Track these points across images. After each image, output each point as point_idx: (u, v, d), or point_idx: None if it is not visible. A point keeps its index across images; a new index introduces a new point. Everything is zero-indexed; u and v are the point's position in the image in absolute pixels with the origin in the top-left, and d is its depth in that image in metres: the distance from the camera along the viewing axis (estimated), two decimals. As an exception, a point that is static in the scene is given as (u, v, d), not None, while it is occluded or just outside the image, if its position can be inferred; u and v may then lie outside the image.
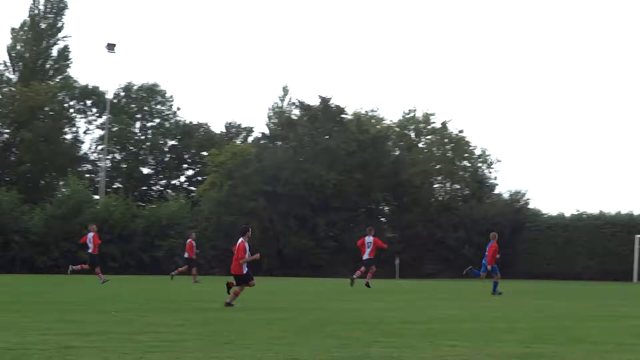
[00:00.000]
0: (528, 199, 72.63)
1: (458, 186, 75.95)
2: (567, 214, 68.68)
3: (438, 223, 69.50)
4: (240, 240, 23.08)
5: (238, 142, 79.62)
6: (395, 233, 71.14)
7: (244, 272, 23.06)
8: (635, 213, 65.52)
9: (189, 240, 45.82)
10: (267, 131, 73.95)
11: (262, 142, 72.61)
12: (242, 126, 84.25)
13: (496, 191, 75.61)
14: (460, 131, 75.60)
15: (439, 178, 76.03)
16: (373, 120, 77.29)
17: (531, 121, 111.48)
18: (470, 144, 75.83)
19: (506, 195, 73.54)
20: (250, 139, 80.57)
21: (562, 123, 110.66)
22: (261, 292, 32.46)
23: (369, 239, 37.19)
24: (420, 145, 77.37)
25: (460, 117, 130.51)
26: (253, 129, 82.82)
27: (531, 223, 68.63)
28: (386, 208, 74.40)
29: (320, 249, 65.81)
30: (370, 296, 30.73)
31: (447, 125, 75.83)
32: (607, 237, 63.70)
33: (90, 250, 39.94)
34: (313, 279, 53.89)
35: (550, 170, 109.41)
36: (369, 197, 70.11)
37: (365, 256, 37.14)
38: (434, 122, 76.59)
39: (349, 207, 68.29)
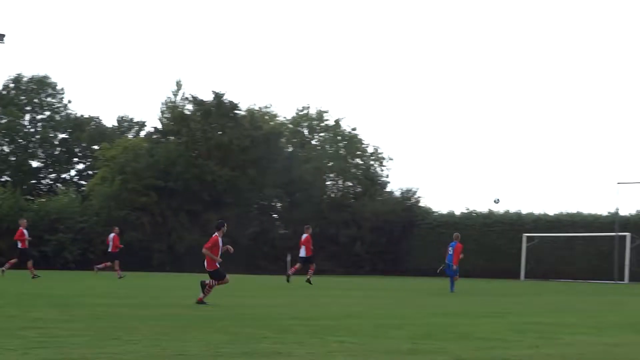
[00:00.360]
0: (419, 197, 73.36)
1: (350, 183, 76.27)
2: (457, 212, 69.56)
3: (330, 220, 69.75)
4: (214, 234, 23.47)
5: (130, 136, 78.79)
6: (287, 229, 71.19)
7: (218, 267, 23.43)
8: (523, 212, 66.66)
9: (112, 234, 45.28)
10: (159, 126, 73.23)
11: (154, 136, 71.88)
12: (135, 120, 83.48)
13: (388, 189, 76.13)
14: (354, 129, 76.07)
15: (332, 175, 76.27)
16: (266, 117, 77.24)
17: (423, 119, 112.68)
18: (363, 142, 76.33)
19: (397, 193, 74.12)
20: (142, 134, 79.83)
21: (451, 122, 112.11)
22: (151, 287, 32.20)
23: (304, 237, 38.49)
24: (313, 142, 77.56)
25: (354, 115, 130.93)
26: (145, 124, 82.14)
27: (422, 221, 69.30)
28: (279, 204, 74.43)
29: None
30: (261, 292, 30.75)
31: (340, 122, 76.18)
32: (496, 236, 64.64)
33: (19, 246, 40.60)
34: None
35: (441, 169, 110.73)
36: (261, 193, 70.10)
37: (302, 254, 38.35)
38: (327, 120, 76.88)
39: (242, 203, 68.10)
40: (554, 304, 27.96)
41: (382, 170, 76.69)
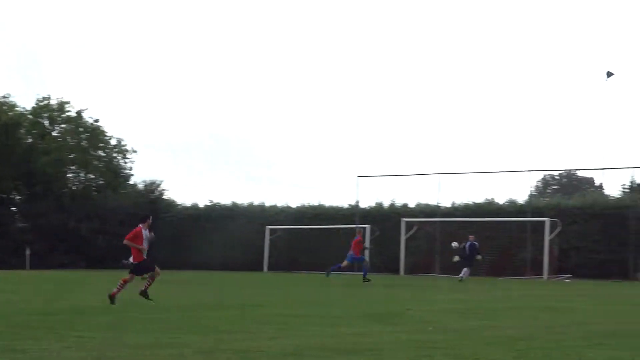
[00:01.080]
0: (163, 189, 72.99)
1: (93, 176, 74.94)
2: (201, 205, 69.63)
3: (71, 213, 68.27)
4: (138, 226, 22.72)
5: None
6: (27, 223, 69.33)
7: (144, 258, 22.39)
8: (267, 204, 67.42)
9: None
10: None
11: None
12: None
13: (131, 181, 75.34)
14: (96, 120, 74.69)
15: (73, 167, 74.70)
16: (5, 107, 74.73)
17: (165, 111, 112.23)
18: (106, 134, 75.09)
19: (141, 186, 73.51)
20: None
21: (193, 113, 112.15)
22: None
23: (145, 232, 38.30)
24: (54, 133, 75.67)
25: (96, 107, 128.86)
26: None
27: (166, 213, 68.92)
28: (18, 197, 72.34)
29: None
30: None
31: (82, 114, 74.70)
32: (241, 228, 64.94)
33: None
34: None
35: (185, 161, 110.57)
36: (-1, 185, 67.96)
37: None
38: (69, 111, 75.11)
39: (-23, 195, 65.89)
40: (299, 296, 28.34)
41: (125, 163, 75.74)
